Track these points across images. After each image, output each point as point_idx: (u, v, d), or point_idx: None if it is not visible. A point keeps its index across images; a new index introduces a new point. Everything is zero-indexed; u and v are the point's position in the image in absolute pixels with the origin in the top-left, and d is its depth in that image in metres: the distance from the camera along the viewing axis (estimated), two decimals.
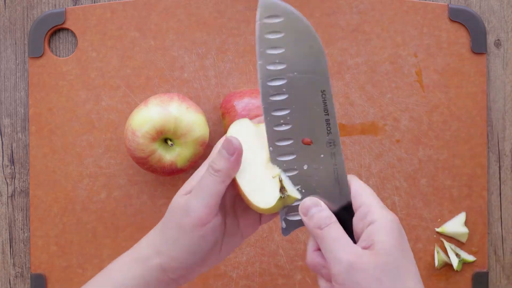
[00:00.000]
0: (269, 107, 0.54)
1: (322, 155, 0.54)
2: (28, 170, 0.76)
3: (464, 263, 0.73)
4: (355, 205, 0.53)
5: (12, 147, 0.76)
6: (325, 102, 0.53)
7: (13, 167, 0.76)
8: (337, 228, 0.52)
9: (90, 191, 0.74)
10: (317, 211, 0.53)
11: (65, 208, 0.74)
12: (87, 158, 0.74)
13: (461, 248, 0.74)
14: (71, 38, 0.76)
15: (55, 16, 0.75)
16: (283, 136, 0.54)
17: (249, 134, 0.57)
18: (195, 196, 0.54)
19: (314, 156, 0.54)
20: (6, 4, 0.77)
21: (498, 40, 0.76)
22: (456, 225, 0.74)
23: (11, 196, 0.76)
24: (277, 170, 0.55)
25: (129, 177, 0.74)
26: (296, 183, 0.54)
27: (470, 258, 0.73)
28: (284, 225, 0.55)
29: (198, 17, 0.75)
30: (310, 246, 0.54)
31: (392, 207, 0.74)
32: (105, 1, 0.76)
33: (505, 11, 0.76)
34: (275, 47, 0.53)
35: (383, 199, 0.74)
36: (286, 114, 0.54)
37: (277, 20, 0.53)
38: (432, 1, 0.76)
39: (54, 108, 0.75)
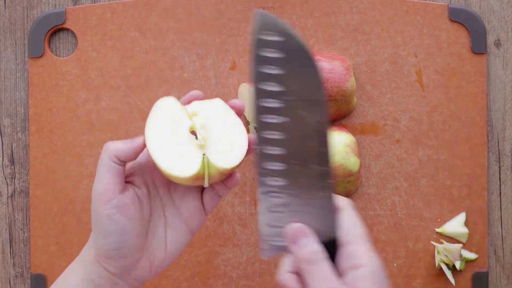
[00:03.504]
0: (262, 128, 0.50)
1: (312, 186, 0.51)
2: (28, 170, 0.76)
3: (466, 262, 0.73)
4: (342, 240, 0.51)
5: (12, 147, 0.76)
6: (322, 134, 0.50)
7: (13, 167, 0.76)
8: (327, 268, 0.49)
9: (90, 191, 0.74)
10: (308, 243, 0.50)
11: (65, 208, 0.74)
12: (87, 158, 0.74)
13: (462, 248, 0.74)
14: (71, 38, 0.76)
15: (55, 16, 0.75)
16: (275, 160, 0.51)
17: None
18: (96, 178, 0.54)
19: (302, 186, 0.51)
20: (6, 4, 0.77)
21: (498, 40, 0.76)
22: (456, 225, 0.74)
23: (11, 196, 0.76)
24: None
25: None
26: (281, 211, 0.52)
27: (472, 255, 0.73)
28: (265, 247, 0.52)
29: (198, 17, 0.75)
30: (286, 266, 0.52)
31: (392, 207, 0.74)
32: (105, 1, 0.76)
33: (505, 11, 0.76)
34: (272, 68, 0.50)
35: (383, 199, 0.74)
36: (280, 138, 0.51)
37: (276, 39, 0.49)
38: (432, 1, 0.76)
39: (54, 108, 0.75)
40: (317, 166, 0.50)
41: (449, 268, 0.73)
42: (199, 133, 0.54)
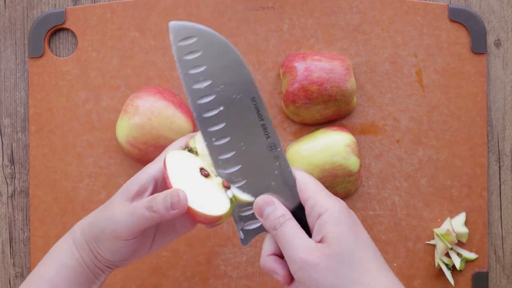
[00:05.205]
0: (205, 125, 0.55)
1: (266, 160, 0.55)
2: (28, 170, 0.76)
3: (466, 262, 0.73)
4: (302, 200, 0.53)
5: (12, 147, 0.76)
6: (258, 108, 0.55)
7: (13, 167, 0.76)
8: (291, 226, 0.52)
9: (90, 191, 0.74)
10: (272, 210, 0.53)
11: (65, 208, 0.74)
12: (87, 158, 0.74)
13: (462, 248, 0.74)
14: (71, 38, 0.76)
15: (55, 16, 0.75)
16: (224, 149, 0.55)
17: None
18: (125, 216, 0.54)
19: (258, 162, 0.55)
20: (6, 4, 0.77)
21: (498, 40, 0.76)
22: (456, 225, 0.74)
23: (11, 196, 0.76)
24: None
25: (129, 177, 0.74)
26: (247, 191, 0.55)
27: (472, 255, 0.73)
28: (242, 235, 0.56)
29: (198, 17, 0.75)
30: (265, 250, 0.54)
31: (392, 207, 0.74)
32: (105, 1, 0.76)
33: (505, 11, 0.76)
34: (196, 66, 0.54)
35: (383, 199, 0.74)
36: (223, 127, 0.55)
37: (192, 41, 0.54)
38: (432, 1, 0.76)
39: (54, 108, 0.75)
40: (265, 140, 0.55)
41: (448, 268, 0.73)
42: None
